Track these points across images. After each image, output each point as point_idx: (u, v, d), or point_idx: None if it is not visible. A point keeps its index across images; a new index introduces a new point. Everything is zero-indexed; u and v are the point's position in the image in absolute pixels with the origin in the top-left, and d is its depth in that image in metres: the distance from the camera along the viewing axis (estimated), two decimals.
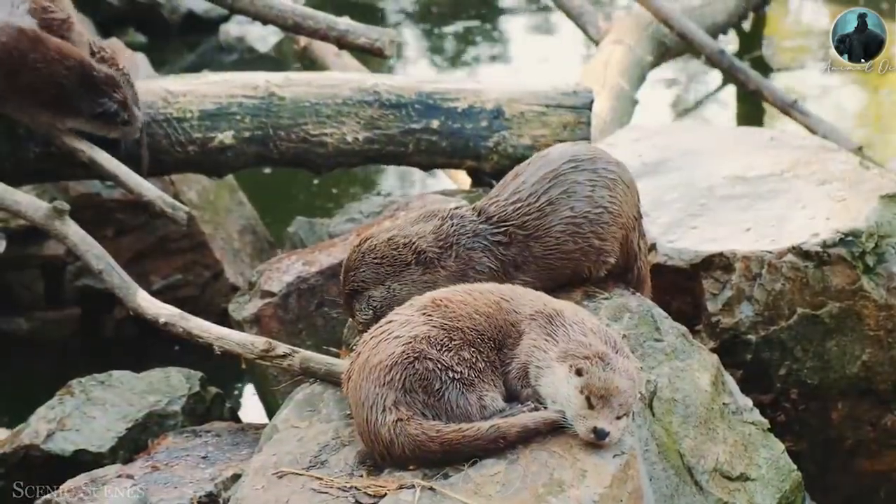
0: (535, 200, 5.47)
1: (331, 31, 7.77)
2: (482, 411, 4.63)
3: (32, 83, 6.66)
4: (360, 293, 5.39)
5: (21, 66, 6.63)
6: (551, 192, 5.49)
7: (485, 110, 7.49)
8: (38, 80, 6.66)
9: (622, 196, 5.56)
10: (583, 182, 5.52)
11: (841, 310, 6.09)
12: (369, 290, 5.37)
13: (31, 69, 6.65)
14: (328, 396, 5.17)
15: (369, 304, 5.37)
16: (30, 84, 6.66)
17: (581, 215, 5.49)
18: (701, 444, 5.35)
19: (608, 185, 5.54)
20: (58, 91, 6.68)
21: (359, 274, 5.39)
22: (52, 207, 6.22)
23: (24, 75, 6.64)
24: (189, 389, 6.49)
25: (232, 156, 7.19)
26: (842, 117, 11.44)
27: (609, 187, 5.54)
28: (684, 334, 5.67)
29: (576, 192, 5.50)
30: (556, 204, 5.48)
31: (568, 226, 5.48)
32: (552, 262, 5.50)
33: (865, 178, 6.44)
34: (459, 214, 5.49)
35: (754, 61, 12.52)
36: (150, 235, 8.40)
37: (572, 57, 13.30)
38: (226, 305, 7.33)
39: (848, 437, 6.25)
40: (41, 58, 6.66)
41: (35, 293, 8.34)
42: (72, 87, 6.68)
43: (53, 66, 6.66)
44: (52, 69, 6.66)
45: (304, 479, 4.59)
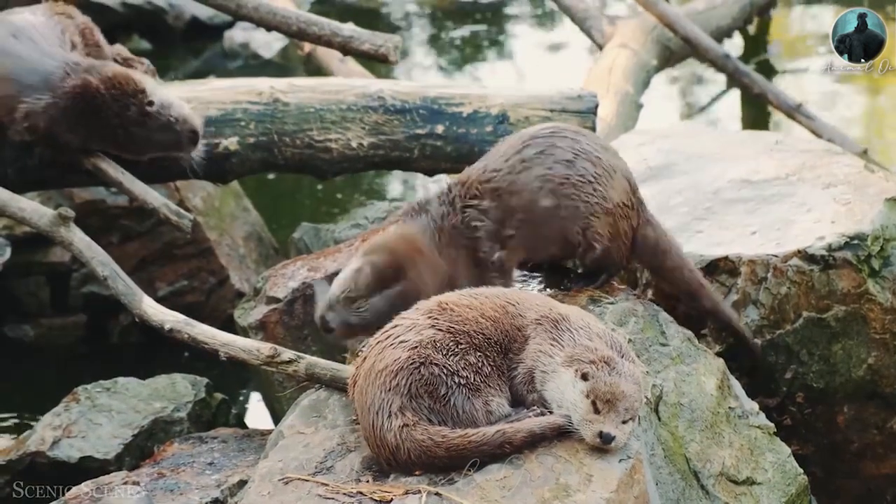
0: (505, 161, 5.54)
1: (335, 36, 7.76)
2: (488, 416, 4.63)
3: (101, 123, 6.66)
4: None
5: (93, 106, 6.64)
6: (524, 153, 5.56)
7: (490, 115, 7.49)
8: (103, 121, 6.66)
9: (607, 169, 5.61)
10: (563, 147, 5.57)
11: (847, 313, 6.08)
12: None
13: (99, 108, 6.65)
14: (334, 402, 5.17)
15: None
16: (99, 125, 6.66)
17: (561, 176, 5.51)
18: (707, 448, 5.34)
19: (591, 159, 5.58)
20: (117, 128, 6.68)
21: None
22: (57, 214, 6.22)
23: (94, 116, 6.64)
24: (195, 396, 6.50)
25: (237, 162, 7.18)
26: (847, 120, 11.44)
27: (592, 161, 5.58)
28: (690, 338, 5.67)
29: (553, 154, 5.55)
30: (529, 162, 5.55)
31: (545, 182, 5.51)
32: (533, 218, 5.50)
33: (871, 182, 6.43)
34: (428, 199, 5.56)
35: (759, 65, 12.52)
36: (155, 242, 8.40)
37: (577, 61, 13.30)
38: (231, 311, 7.33)
39: (854, 440, 6.24)
40: (101, 98, 6.65)
41: (40, 300, 8.35)
42: (123, 122, 6.68)
43: (110, 104, 6.65)
44: (108, 107, 6.65)
45: (310, 485, 4.58)
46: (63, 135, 6.61)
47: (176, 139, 6.74)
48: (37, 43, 6.72)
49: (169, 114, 6.69)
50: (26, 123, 6.60)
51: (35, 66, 6.64)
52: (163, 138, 6.71)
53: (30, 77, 6.62)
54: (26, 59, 6.65)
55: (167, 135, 6.71)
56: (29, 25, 6.81)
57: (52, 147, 6.67)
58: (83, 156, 6.74)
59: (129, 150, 6.77)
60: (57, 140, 6.63)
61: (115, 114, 6.64)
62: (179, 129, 6.73)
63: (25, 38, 6.72)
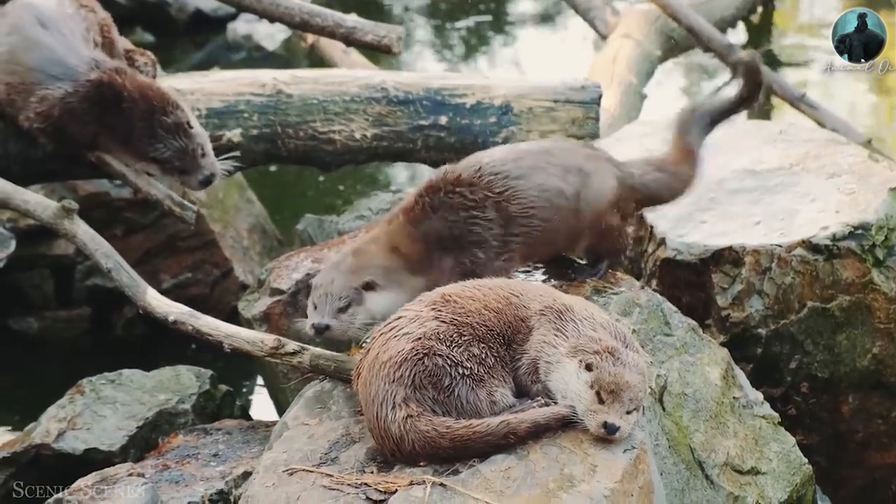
0: (501, 165, 5.48)
1: (338, 28, 7.76)
2: (492, 407, 4.63)
3: (114, 123, 6.64)
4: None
5: (109, 105, 6.62)
6: (520, 162, 5.50)
7: (493, 106, 7.49)
8: (118, 120, 6.63)
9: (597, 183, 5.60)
10: (554, 163, 5.54)
11: (851, 303, 6.08)
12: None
13: (115, 108, 6.63)
14: (338, 393, 5.17)
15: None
16: (112, 123, 6.64)
17: (555, 189, 5.48)
18: (711, 438, 5.34)
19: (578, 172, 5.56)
20: (130, 131, 6.65)
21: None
22: (61, 206, 6.22)
23: (109, 115, 6.62)
24: (199, 388, 6.51)
25: (240, 153, 7.18)
26: (850, 110, 11.42)
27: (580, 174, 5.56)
28: (694, 329, 5.67)
29: (545, 168, 5.51)
30: (526, 171, 5.48)
31: (542, 192, 5.47)
32: (533, 224, 5.49)
33: (875, 171, 6.43)
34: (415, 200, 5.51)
35: (763, 55, 12.49)
36: (159, 234, 8.41)
37: (580, 52, 13.28)
38: (235, 303, 7.33)
39: (858, 430, 6.24)
40: (128, 97, 6.63)
41: (45, 292, 8.36)
42: (141, 128, 6.65)
43: (135, 106, 6.63)
44: (131, 109, 6.63)
45: (315, 476, 4.59)
46: (73, 126, 6.59)
47: (188, 167, 6.67)
48: (64, 36, 6.72)
49: (200, 143, 6.65)
50: (40, 108, 6.57)
51: (60, 59, 6.62)
52: (176, 160, 6.63)
53: (54, 68, 6.60)
54: (53, 50, 6.63)
55: (183, 161, 6.63)
56: (58, 16, 6.80)
57: (57, 139, 6.66)
58: (86, 151, 6.73)
59: (131, 154, 6.74)
60: (65, 131, 6.61)
61: (139, 117, 6.60)
62: (201, 165, 6.67)
63: (54, 30, 6.71)
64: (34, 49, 6.64)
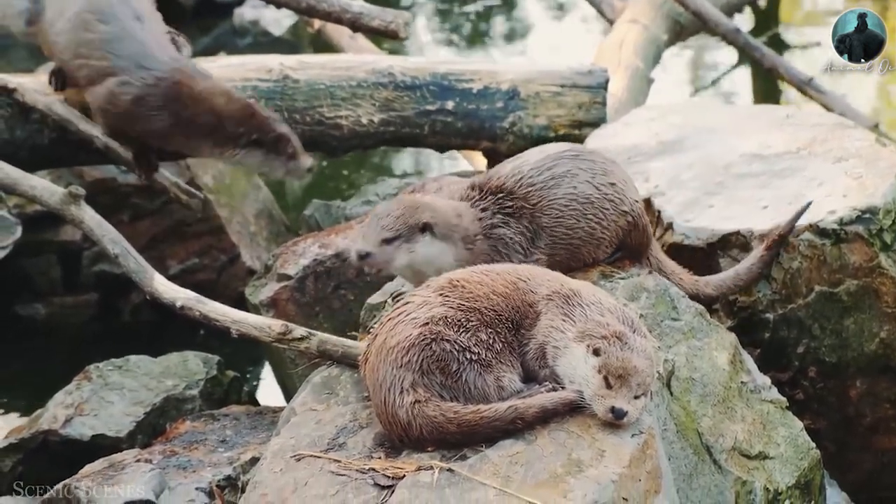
0: (537, 174, 5.50)
1: (345, 13, 7.74)
2: (500, 392, 4.63)
3: (190, 118, 6.64)
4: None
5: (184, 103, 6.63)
6: (554, 170, 5.53)
7: (500, 91, 7.49)
8: (193, 116, 6.63)
9: (621, 185, 5.65)
10: (584, 169, 5.56)
11: (858, 287, 6.07)
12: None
13: (188, 105, 6.63)
14: (345, 379, 5.17)
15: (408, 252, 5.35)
16: (189, 119, 6.64)
17: (583, 196, 5.52)
18: (719, 422, 5.34)
19: (607, 174, 5.60)
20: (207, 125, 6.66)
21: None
22: (68, 192, 6.23)
23: (185, 111, 6.62)
24: (206, 373, 6.51)
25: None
26: (858, 94, 11.39)
27: (608, 176, 5.60)
28: (701, 313, 5.67)
29: (577, 175, 5.54)
30: (559, 179, 5.51)
31: (571, 201, 5.51)
32: (561, 235, 5.51)
33: (882, 156, 6.42)
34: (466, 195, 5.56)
35: (770, 39, 12.47)
36: (166, 220, 8.42)
37: (587, 37, 13.27)
38: (242, 289, 7.34)
39: (866, 414, 6.24)
40: (195, 96, 6.62)
41: (52, 278, 8.36)
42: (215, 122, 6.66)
43: (201, 104, 6.63)
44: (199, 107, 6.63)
45: (323, 462, 4.58)
46: (135, 117, 6.59)
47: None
48: (156, 35, 6.77)
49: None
50: (117, 89, 6.58)
51: (148, 53, 6.64)
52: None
53: (143, 60, 6.61)
54: (146, 45, 6.66)
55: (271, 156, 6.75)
56: (152, 17, 6.88)
57: (114, 129, 6.68)
58: (128, 146, 6.75)
59: (177, 147, 6.82)
60: (121, 121, 6.62)
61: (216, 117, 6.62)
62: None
63: (149, 28, 6.77)
64: (128, 39, 6.65)
